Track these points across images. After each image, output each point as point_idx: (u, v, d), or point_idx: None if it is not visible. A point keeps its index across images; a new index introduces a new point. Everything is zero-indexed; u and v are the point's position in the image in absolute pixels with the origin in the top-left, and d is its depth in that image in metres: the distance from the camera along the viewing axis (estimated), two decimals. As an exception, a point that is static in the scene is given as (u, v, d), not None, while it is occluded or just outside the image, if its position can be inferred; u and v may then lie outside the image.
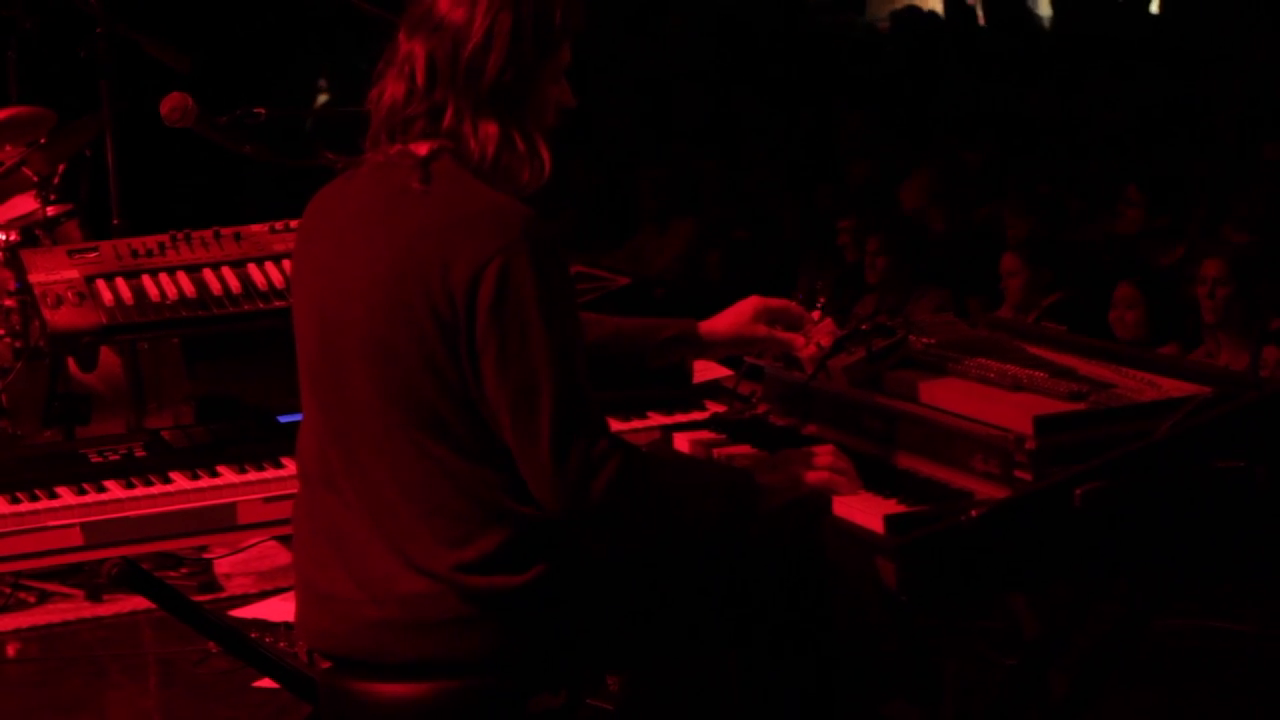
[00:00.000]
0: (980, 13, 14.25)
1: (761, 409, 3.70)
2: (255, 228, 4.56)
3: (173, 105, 4.22)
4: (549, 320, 2.98)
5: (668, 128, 12.58)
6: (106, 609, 5.72)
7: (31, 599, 5.81)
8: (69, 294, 4.36)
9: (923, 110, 11.59)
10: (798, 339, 3.52)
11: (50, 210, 6.10)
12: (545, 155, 3.10)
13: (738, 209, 10.52)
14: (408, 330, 3.02)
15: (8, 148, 6.36)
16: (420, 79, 3.08)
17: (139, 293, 4.39)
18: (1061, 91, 11.11)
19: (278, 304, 4.36)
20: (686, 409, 4.12)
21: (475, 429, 3.03)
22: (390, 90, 3.12)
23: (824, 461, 3.20)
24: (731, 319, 3.57)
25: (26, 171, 6.22)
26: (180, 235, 4.51)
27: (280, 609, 5.43)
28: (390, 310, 3.03)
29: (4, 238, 5.82)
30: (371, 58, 3.17)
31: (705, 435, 3.62)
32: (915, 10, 14.07)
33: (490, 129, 3.06)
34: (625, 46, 13.20)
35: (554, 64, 3.13)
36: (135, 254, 4.46)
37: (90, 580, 5.72)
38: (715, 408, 4.08)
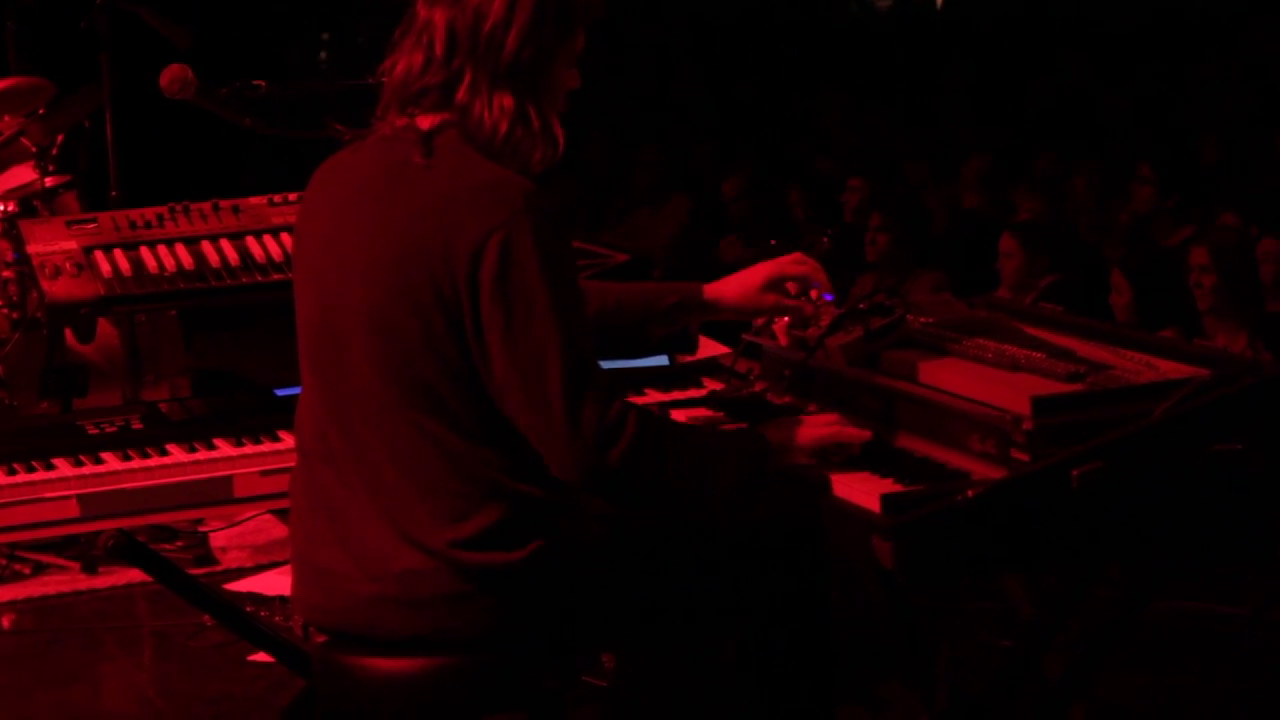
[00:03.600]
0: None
1: (759, 387, 3.69)
2: (254, 200, 4.55)
3: (172, 77, 4.21)
4: (553, 291, 2.96)
5: (663, 106, 12.57)
6: (102, 581, 5.72)
7: (27, 570, 5.82)
8: (67, 265, 4.35)
9: (924, 92, 11.58)
10: (806, 307, 3.50)
11: (49, 181, 6.10)
12: (559, 135, 3.09)
13: (732, 184, 10.51)
14: (408, 307, 3.01)
15: (6, 118, 6.36)
16: (439, 48, 3.07)
17: (137, 264, 4.38)
18: (1069, 75, 11.10)
19: (276, 277, 4.34)
20: (684, 386, 4.10)
21: (473, 407, 3.02)
22: (406, 59, 3.11)
23: (827, 419, 3.22)
24: (739, 285, 3.55)
25: (25, 142, 6.22)
26: (179, 207, 4.50)
27: (275, 583, 5.44)
28: (391, 287, 3.02)
29: (2, 208, 5.81)
30: (370, 31, 3.16)
31: (703, 413, 3.61)
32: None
33: (506, 102, 3.05)
34: (621, 25, 13.18)
35: (570, 47, 3.13)
36: (134, 225, 4.45)
37: (86, 552, 5.72)
38: (713, 385, 4.07)
